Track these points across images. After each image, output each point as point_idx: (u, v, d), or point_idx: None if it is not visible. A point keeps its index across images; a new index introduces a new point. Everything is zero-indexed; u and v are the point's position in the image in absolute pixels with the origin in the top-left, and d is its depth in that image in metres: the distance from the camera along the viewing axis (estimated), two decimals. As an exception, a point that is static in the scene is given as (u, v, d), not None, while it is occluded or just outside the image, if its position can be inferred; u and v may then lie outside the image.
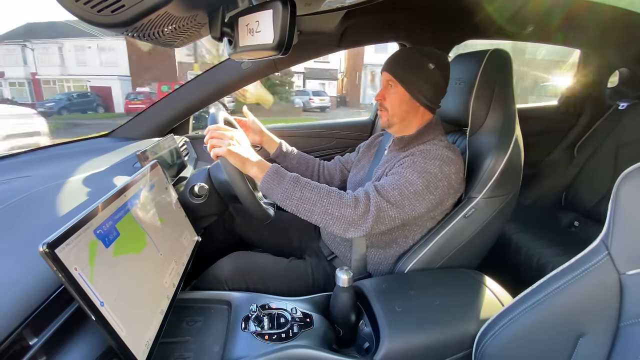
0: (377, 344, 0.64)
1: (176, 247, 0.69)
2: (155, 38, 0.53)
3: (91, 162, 0.92)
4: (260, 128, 1.04)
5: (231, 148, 0.72)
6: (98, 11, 0.38)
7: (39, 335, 0.42)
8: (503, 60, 0.90)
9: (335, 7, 0.91)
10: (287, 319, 0.67)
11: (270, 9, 0.47)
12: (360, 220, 0.73)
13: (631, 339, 0.47)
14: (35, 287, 0.45)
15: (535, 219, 1.52)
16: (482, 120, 0.90)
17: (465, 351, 0.67)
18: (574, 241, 1.36)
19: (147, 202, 0.63)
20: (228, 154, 0.72)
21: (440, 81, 0.85)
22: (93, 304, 0.42)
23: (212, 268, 0.87)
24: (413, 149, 0.84)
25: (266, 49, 0.49)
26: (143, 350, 0.49)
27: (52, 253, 0.38)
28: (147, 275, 0.56)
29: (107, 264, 0.47)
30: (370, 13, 1.21)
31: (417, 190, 0.75)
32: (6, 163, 0.90)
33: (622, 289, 0.49)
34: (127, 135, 1.23)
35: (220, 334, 0.65)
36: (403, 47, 0.93)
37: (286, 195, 0.73)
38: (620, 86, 1.80)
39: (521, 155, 0.88)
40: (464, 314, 0.70)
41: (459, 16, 1.29)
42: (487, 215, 0.85)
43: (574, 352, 0.53)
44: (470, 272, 0.84)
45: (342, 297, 0.69)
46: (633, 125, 1.48)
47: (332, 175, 1.12)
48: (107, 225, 0.49)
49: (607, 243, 0.50)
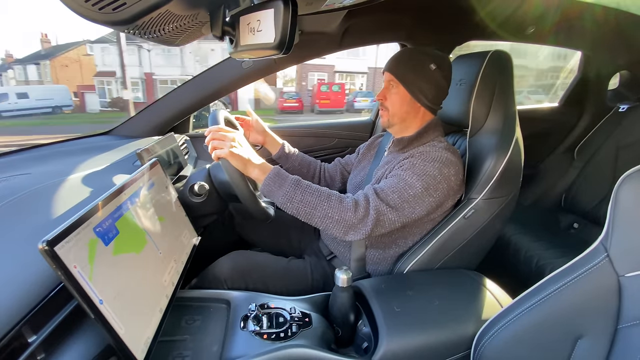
0: (375, 344, 0.64)
1: (176, 246, 0.69)
2: (157, 36, 0.53)
3: (91, 160, 0.92)
4: (263, 128, 1.04)
5: (233, 150, 0.72)
6: (100, 9, 0.38)
7: (38, 333, 0.42)
8: (504, 62, 0.90)
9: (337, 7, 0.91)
10: (286, 318, 0.67)
11: (272, 8, 0.47)
12: (360, 224, 0.73)
13: (630, 341, 0.47)
14: (34, 284, 0.45)
15: (534, 220, 1.52)
16: (483, 121, 0.90)
17: (464, 352, 0.67)
18: (574, 243, 1.36)
19: (146, 200, 0.63)
20: (230, 155, 0.72)
21: (441, 82, 0.85)
22: (92, 301, 0.42)
23: (212, 267, 0.87)
24: (412, 151, 0.84)
25: (267, 48, 0.49)
26: (142, 348, 0.49)
27: (51, 251, 0.38)
28: (147, 273, 0.56)
29: (107, 263, 0.47)
30: (372, 13, 1.21)
31: (417, 193, 0.75)
32: (6, 160, 0.90)
33: (621, 291, 0.49)
34: (128, 133, 1.23)
35: (219, 332, 0.65)
36: (405, 48, 0.93)
37: (287, 198, 0.73)
38: (621, 88, 1.81)
39: (521, 157, 0.88)
40: (462, 315, 0.70)
41: (460, 17, 1.29)
42: (486, 217, 0.85)
43: (572, 354, 0.53)
44: (470, 273, 0.84)
45: (341, 297, 0.69)
46: (633, 128, 1.49)
47: (333, 177, 1.12)
48: (106, 224, 0.49)
49: (606, 245, 0.50)
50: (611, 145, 1.53)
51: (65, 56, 20.57)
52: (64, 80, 19.42)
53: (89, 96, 19.13)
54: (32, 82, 20.07)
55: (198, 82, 1.24)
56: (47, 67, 20.65)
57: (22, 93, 13.83)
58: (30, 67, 21.25)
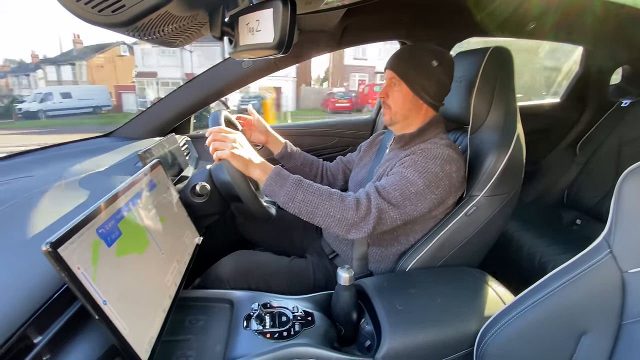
0: (378, 342, 0.64)
1: (178, 247, 0.70)
2: (156, 37, 0.53)
3: (93, 162, 0.92)
4: (265, 127, 1.04)
5: (234, 151, 0.72)
6: (99, 11, 0.38)
7: (42, 334, 0.43)
8: (504, 58, 0.90)
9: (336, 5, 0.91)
10: (289, 317, 0.67)
11: (271, 7, 0.47)
12: (361, 222, 0.73)
13: (634, 337, 0.47)
14: (38, 286, 0.45)
15: (537, 217, 1.51)
16: (484, 118, 0.90)
17: (467, 349, 0.67)
18: (576, 239, 1.36)
19: (148, 201, 0.64)
20: (231, 157, 0.72)
21: (443, 78, 0.85)
22: (96, 302, 0.42)
23: (214, 267, 0.87)
24: (414, 148, 0.84)
25: (266, 48, 0.49)
26: (146, 348, 0.49)
27: (55, 252, 0.39)
28: (150, 274, 0.56)
29: (110, 264, 0.47)
30: (371, 11, 1.20)
31: (419, 190, 0.75)
32: (8, 163, 0.91)
33: (625, 287, 0.49)
34: (128, 135, 1.23)
35: (222, 332, 0.65)
36: (406, 45, 0.92)
37: (289, 198, 0.73)
38: (623, 83, 1.79)
39: (523, 153, 0.88)
40: (465, 312, 0.70)
41: (460, 14, 1.29)
42: (488, 214, 0.85)
43: (576, 350, 0.53)
44: (472, 271, 0.84)
45: (343, 296, 0.69)
46: (636, 123, 1.48)
47: (335, 176, 1.12)
48: (109, 225, 0.50)
49: (609, 241, 0.50)
50: (614, 141, 1.52)
51: (100, 57, 20.87)
52: (99, 80, 19.71)
53: (125, 96, 19.35)
54: (66, 82, 20.26)
55: (198, 83, 1.24)
56: (82, 67, 20.91)
57: (65, 93, 14.07)
58: (65, 67, 21.44)
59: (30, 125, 11.95)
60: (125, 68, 20.90)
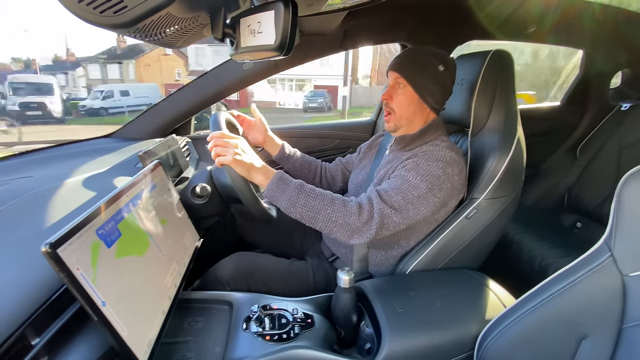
0: (378, 345, 0.64)
1: (178, 248, 0.70)
2: (158, 39, 0.53)
3: (93, 162, 0.92)
4: (264, 128, 1.03)
5: (237, 157, 0.72)
6: (100, 12, 0.39)
7: (41, 335, 0.42)
8: (505, 61, 0.90)
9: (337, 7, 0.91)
10: (289, 319, 0.67)
11: (272, 9, 0.47)
12: (364, 227, 0.73)
13: (634, 341, 0.47)
14: (37, 287, 0.45)
15: (537, 220, 1.51)
16: (484, 120, 0.90)
17: (467, 353, 0.66)
18: (577, 242, 1.35)
19: (148, 202, 0.63)
20: (234, 163, 0.72)
21: (448, 83, 0.85)
22: (95, 304, 0.42)
23: (214, 269, 0.87)
24: (416, 150, 0.84)
25: (268, 49, 0.49)
26: (144, 350, 0.49)
27: (54, 253, 0.39)
28: (149, 275, 0.56)
29: (110, 265, 0.47)
30: (372, 14, 1.21)
31: (421, 193, 0.75)
32: (8, 164, 0.91)
33: (625, 291, 0.48)
34: (129, 135, 1.23)
35: (221, 334, 0.65)
36: (411, 47, 0.92)
37: (290, 203, 0.73)
38: (623, 87, 1.80)
39: (523, 156, 0.88)
40: (465, 315, 0.70)
41: (461, 16, 1.29)
42: (489, 216, 0.85)
43: (576, 354, 0.52)
44: (472, 273, 0.84)
45: (343, 298, 0.69)
46: (636, 126, 1.48)
47: (334, 177, 1.12)
48: (109, 226, 0.49)
49: (610, 244, 0.50)
50: (614, 144, 1.52)
51: (147, 56, 21.07)
52: (147, 79, 19.90)
53: (173, 94, 19.61)
54: (112, 81, 20.38)
55: (199, 85, 1.24)
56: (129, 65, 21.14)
57: (124, 91, 14.31)
58: (112, 65, 21.60)
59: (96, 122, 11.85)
60: (169, 66, 21.16)
